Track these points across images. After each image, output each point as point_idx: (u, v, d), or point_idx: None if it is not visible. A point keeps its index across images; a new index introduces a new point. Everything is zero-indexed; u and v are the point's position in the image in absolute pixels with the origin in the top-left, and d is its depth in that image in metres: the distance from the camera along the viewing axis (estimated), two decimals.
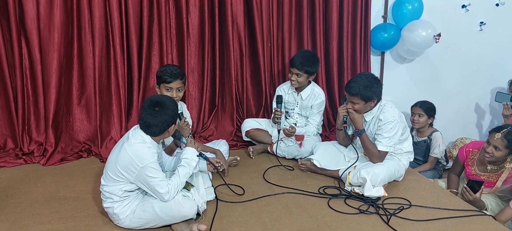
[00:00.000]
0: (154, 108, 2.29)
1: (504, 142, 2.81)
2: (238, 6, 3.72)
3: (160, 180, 2.26)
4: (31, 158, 3.36)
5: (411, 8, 3.97)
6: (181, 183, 2.35)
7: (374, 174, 2.79)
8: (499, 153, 2.84)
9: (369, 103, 2.90)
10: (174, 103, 2.41)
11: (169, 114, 2.32)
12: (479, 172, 3.02)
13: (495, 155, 2.86)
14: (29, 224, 2.44)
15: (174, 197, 2.29)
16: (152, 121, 2.28)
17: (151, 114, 2.28)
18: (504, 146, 2.82)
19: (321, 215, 2.59)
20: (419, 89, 4.44)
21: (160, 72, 2.95)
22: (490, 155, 2.87)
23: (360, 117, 2.96)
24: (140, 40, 3.54)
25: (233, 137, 3.89)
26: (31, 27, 3.22)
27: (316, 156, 3.21)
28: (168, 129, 2.35)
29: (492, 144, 2.86)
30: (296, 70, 3.37)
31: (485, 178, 2.97)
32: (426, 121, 3.65)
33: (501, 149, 2.83)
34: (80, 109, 3.57)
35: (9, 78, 3.34)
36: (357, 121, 2.94)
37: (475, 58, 4.55)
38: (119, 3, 3.37)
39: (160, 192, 2.25)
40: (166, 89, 2.93)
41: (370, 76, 2.93)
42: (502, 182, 2.91)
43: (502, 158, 2.89)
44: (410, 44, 3.97)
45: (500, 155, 2.85)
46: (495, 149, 2.85)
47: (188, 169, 2.40)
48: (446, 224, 2.51)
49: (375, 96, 2.88)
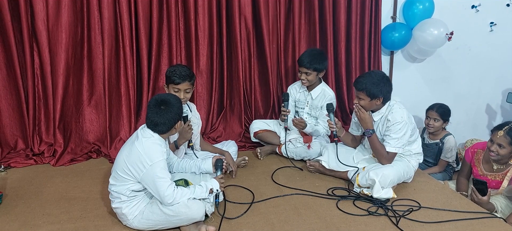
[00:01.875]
0: (159, 107, 2.34)
1: (507, 138, 2.78)
2: (246, 8, 3.73)
3: (166, 182, 2.26)
4: (41, 158, 3.39)
5: (422, 8, 3.95)
6: (189, 196, 2.33)
7: (383, 175, 2.78)
8: (504, 150, 2.81)
9: (375, 101, 2.88)
10: (179, 101, 2.45)
11: (175, 112, 2.37)
12: (486, 172, 2.99)
13: (500, 153, 2.82)
14: (39, 224, 2.47)
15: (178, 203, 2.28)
16: (159, 119, 2.33)
17: (157, 113, 2.33)
18: (508, 143, 2.79)
19: (329, 217, 2.58)
20: (429, 90, 4.41)
21: (169, 73, 2.96)
22: (495, 154, 2.84)
23: (369, 117, 2.94)
24: (149, 41, 3.56)
25: (241, 138, 3.89)
26: (41, 28, 3.26)
27: (324, 157, 3.20)
28: (174, 126, 2.40)
29: (496, 142, 2.83)
30: (304, 69, 3.37)
31: (491, 177, 2.94)
32: (441, 125, 3.60)
33: (505, 146, 2.80)
34: (90, 110, 3.59)
35: (21, 79, 3.38)
36: (366, 121, 2.92)
37: (486, 59, 4.52)
38: (128, 4, 3.39)
39: (164, 194, 2.25)
40: (174, 90, 2.94)
41: (380, 74, 2.91)
42: (509, 180, 2.87)
43: (508, 155, 2.84)
44: (421, 43, 3.95)
45: (505, 152, 2.82)
46: (499, 146, 2.82)
47: (203, 193, 2.40)
48: (456, 226, 2.49)
49: (381, 94, 2.86)
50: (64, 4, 3.28)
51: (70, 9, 3.32)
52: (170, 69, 2.96)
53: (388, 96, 2.91)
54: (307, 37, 3.96)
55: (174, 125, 2.40)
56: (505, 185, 2.87)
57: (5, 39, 3.27)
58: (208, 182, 2.46)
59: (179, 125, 2.45)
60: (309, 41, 3.95)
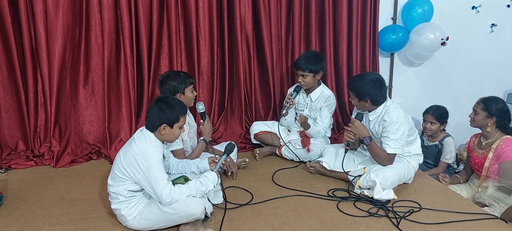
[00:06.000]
0: (157, 102, 2.34)
1: (480, 104, 3.07)
2: (246, 10, 3.74)
3: (162, 182, 2.24)
4: (42, 160, 3.39)
5: (421, 11, 3.95)
6: (188, 194, 2.30)
7: (384, 176, 2.78)
8: (477, 116, 3.08)
9: (363, 102, 2.92)
10: (179, 107, 2.38)
11: (166, 113, 2.31)
12: (479, 155, 3.13)
13: (475, 119, 3.09)
14: (39, 225, 2.47)
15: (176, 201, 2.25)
16: (149, 113, 2.35)
17: (151, 108, 2.35)
18: (481, 109, 3.06)
19: (330, 218, 2.58)
20: (430, 92, 4.40)
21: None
22: (471, 119, 3.13)
23: (361, 125, 2.95)
24: (150, 42, 3.56)
25: (242, 139, 3.90)
26: (41, 30, 3.27)
27: (325, 158, 3.21)
28: (159, 127, 2.31)
29: (473, 109, 3.12)
30: (300, 71, 3.39)
31: (480, 156, 3.10)
32: (438, 128, 3.60)
33: (478, 112, 3.07)
34: (90, 111, 3.60)
35: (21, 80, 3.38)
36: (360, 129, 2.94)
37: (486, 60, 4.51)
38: (129, 6, 3.40)
39: (161, 194, 2.22)
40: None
41: (370, 77, 2.93)
42: (489, 161, 3.00)
43: (483, 122, 3.07)
44: (418, 47, 3.95)
45: (478, 118, 3.07)
46: (475, 113, 3.10)
47: (204, 188, 2.38)
48: (457, 227, 2.48)
49: (368, 96, 2.89)
50: (64, 5, 3.29)
51: (70, 10, 3.33)
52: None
53: (377, 99, 2.91)
54: (307, 38, 3.96)
55: (160, 125, 2.31)
56: (487, 165, 3.03)
57: (6, 41, 3.28)
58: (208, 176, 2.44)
59: (176, 130, 2.38)
60: (309, 43, 3.95)
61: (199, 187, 2.36)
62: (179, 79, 2.89)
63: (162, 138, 2.37)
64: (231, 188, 2.95)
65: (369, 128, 3.02)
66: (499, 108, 3.01)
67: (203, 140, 3.05)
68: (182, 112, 2.39)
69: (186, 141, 3.04)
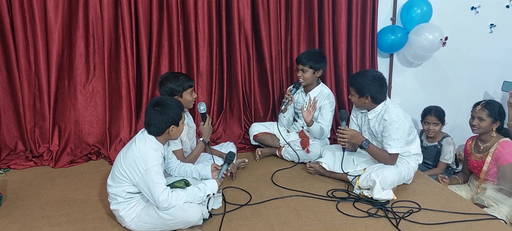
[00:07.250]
0: (154, 107, 2.32)
1: (485, 111, 3.02)
2: (245, 10, 3.74)
3: (160, 186, 2.23)
4: (41, 160, 3.39)
5: (419, 12, 3.95)
6: (185, 200, 2.29)
7: (384, 177, 2.78)
8: (484, 122, 3.03)
9: (363, 99, 2.92)
10: (177, 105, 2.38)
11: (169, 115, 2.32)
12: (477, 159, 3.12)
13: (481, 126, 3.03)
14: (39, 226, 2.47)
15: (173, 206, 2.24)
16: (151, 120, 2.31)
17: (151, 114, 2.31)
18: (486, 115, 3.01)
19: (329, 218, 2.58)
20: (429, 93, 4.40)
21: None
22: (477, 127, 3.06)
23: (354, 132, 2.96)
24: (149, 43, 3.56)
25: (241, 140, 3.90)
26: (39, 30, 3.27)
27: (325, 158, 3.21)
28: (167, 129, 2.34)
29: (476, 116, 3.05)
30: (301, 66, 3.41)
31: (478, 160, 3.09)
32: (440, 128, 3.61)
33: (484, 119, 3.02)
34: (90, 112, 3.59)
35: (19, 80, 3.38)
36: (355, 136, 2.94)
37: (485, 61, 4.50)
38: (129, 6, 3.40)
39: (158, 199, 2.22)
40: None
41: (373, 74, 2.94)
42: (487, 166, 3.01)
43: (488, 127, 3.03)
44: (417, 47, 3.95)
45: (485, 124, 3.03)
46: (480, 120, 3.04)
47: (201, 194, 2.37)
48: (456, 228, 2.48)
49: (368, 93, 2.88)
50: (63, 5, 3.29)
51: (70, 11, 3.33)
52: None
53: (378, 97, 2.91)
54: (306, 39, 3.96)
55: (166, 129, 2.33)
56: (485, 169, 3.01)
57: (4, 42, 3.28)
58: (206, 183, 2.44)
59: (175, 130, 2.38)
60: (309, 43, 3.95)
61: (197, 193, 2.35)
62: (177, 82, 2.88)
63: (170, 137, 2.40)
64: (230, 189, 2.95)
65: (369, 126, 3.02)
66: (501, 112, 3.03)
67: (202, 140, 3.05)
68: (182, 108, 2.42)
69: (185, 141, 3.04)
